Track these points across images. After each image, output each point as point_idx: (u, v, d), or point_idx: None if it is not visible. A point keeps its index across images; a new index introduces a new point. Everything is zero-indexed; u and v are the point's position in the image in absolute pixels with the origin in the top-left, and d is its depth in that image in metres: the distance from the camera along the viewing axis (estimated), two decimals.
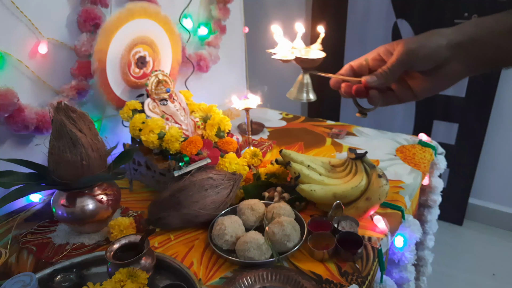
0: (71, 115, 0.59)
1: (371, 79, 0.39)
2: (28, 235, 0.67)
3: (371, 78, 0.39)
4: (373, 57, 0.42)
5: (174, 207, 0.65)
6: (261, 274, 0.55)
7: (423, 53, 0.36)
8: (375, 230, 0.65)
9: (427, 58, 0.37)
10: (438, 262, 1.08)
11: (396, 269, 0.74)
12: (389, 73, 0.38)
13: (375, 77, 0.39)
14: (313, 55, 0.44)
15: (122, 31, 0.80)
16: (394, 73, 0.38)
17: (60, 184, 0.61)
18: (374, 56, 0.41)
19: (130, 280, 0.48)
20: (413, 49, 0.37)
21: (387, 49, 0.40)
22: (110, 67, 0.80)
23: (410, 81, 0.40)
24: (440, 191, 0.95)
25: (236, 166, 0.75)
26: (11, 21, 0.68)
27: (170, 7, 0.97)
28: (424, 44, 0.37)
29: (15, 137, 0.74)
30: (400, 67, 0.38)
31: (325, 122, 1.14)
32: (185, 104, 0.86)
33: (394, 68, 0.38)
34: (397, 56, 0.37)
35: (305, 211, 0.70)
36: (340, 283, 0.54)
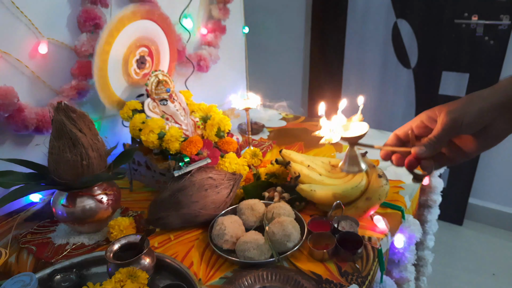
0: (71, 115, 0.59)
1: (420, 151, 0.40)
2: (28, 235, 0.67)
3: (420, 150, 0.40)
4: (417, 125, 0.42)
5: (174, 207, 0.65)
6: (261, 274, 0.55)
7: (467, 120, 0.37)
8: (375, 230, 0.65)
9: (471, 124, 0.38)
10: (438, 262, 1.08)
11: (396, 269, 0.74)
12: (436, 142, 0.39)
13: (424, 147, 0.40)
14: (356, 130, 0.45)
15: (124, 32, 0.80)
16: (441, 142, 0.39)
17: (60, 184, 0.61)
18: (418, 123, 0.42)
19: (130, 280, 0.48)
20: (457, 118, 0.38)
21: (429, 116, 0.41)
22: (112, 67, 0.80)
23: (459, 143, 0.41)
24: (440, 191, 0.95)
25: (236, 166, 0.75)
26: (11, 21, 0.68)
27: (170, 8, 0.97)
28: (466, 110, 0.38)
29: (15, 137, 0.74)
30: (446, 136, 0.39)
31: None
32: (185, 104, 0.86)
33: (440, 137, 0.39)
34: (442, 126, 0.38)
35: (305, 211, 0.70)
36: (340, 283, 0.54)
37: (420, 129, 0.42)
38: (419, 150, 0.40)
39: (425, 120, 0.42)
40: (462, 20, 1.45)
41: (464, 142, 0.41)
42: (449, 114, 0.38)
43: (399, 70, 1.70)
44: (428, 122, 0.42)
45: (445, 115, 0.38)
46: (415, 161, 0.41)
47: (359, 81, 1.85)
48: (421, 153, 0.40)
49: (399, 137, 0.44)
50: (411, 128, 0.43)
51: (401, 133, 0.44)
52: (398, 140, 0.44)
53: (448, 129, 0.38)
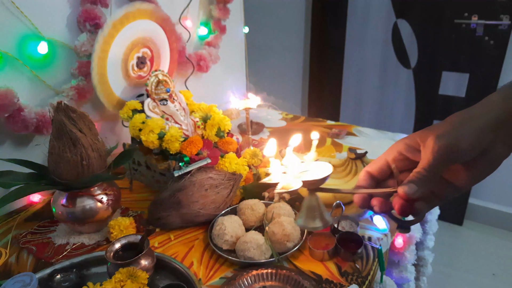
0: (71, 115, 0.59)
1: (411, 189, 0.30)
2: (28, 235, 0.67)
3: (411, 188, 0.30)
4: (394, 157, 0.34)
5: (174, 207, 0.65)
6: (261, 274, 0.55)
7: (464, 145, 0.30)
8: (375, 230, 0.65)
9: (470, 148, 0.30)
10: (438, 262, 1.08)
11: (396, 269, 0.74)
12: (429, 176, 0.30)
13: (414, 185, 0.30)
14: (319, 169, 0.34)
15: (123, 32, 0.80)
16: (435, 175, 0.31)
17: (60, 184, 0.61)
18: (395, 155, 0.34)
19: (130, 280, 0.48)
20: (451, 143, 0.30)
21: (409, 145, 0.33)
22: (111, 67, 0.80)
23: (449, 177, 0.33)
24: None
25: (236, 166, 0.75)
26: (11, 20, 0.68)
27: (170, 7, 0.97)
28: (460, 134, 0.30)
29: (15, 137, 0.74)
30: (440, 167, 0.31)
31: (325, 122, 1.14)
32: (185, 104, 0.86)
33: (433, 169, 0.30)
34: (433, 154, 0.30)
35: None
36: (340, 283, 0.54)
37: (399, 162, 0.34)
38: (410, 189, 0.30)
39: (403, 150, 0.34)
40: (462, 20, 1.45)
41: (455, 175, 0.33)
42: (440, 139, 0.30)
43: (399, 70, 1.70)
44: (408, 153, 0.33)
45: (434, 141, 0.30)
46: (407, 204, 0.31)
47: (359, 81, 1.85)
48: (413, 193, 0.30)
49: (373, 176, 0.35)
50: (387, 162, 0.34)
51: (375, 170, 0.35)
52: (372, 179, 0.35)
53: (441, 157, 0.30)
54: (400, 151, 0.34)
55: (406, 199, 0.31)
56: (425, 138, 0.31)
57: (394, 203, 0.32)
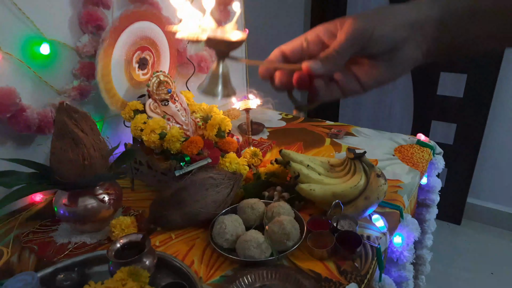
0: (73, 116, 0.60)
1: (316, 65, 0.31)
2: (30, 234, 0.67)
3: (316, 64, 0.31)
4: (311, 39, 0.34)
5: (175, 206, 0.65)
6: (261, 273, 0.55)
7: (378, 33, 0.30)
8: (374, 229, 0.65)
9: (382, 38, 0.30)
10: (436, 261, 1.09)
11: (395, 268, 0.74)
12: (336, 56, 0.31)
13: (320, 62, 0.31)
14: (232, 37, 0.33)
15: (125, 33, 0.81)
16: (343, 56, 0.31)
17: (62, 183, 0.61)
18: (312, 38, 0.34)
19: (131, 278, 0.49)
20: (366, 28, 0.30)
21: (328, 29, 0.33)
22: (114, 68, 0.81)
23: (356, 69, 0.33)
24: (438, 191, 0.95)
25: (236, 166, 0.76)
26: (13, 22, 0.69)
27: (171, 9, 0.98)
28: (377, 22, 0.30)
29: (17, 137, 0.74)
30: (350, 49, 0.31)
31: (324, 122, 1.15)
32: (186, 104, 0.86)
33: (342, 50, 0.30)
34: (346, 36, 0.30)
35: (304, 210, 0.71)
36: (339, 281, 0.55)
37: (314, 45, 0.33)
38: (314, 64, 0.31)
39: (321, 33, 0.33)
40: None
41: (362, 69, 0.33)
42: (357, 22, 0.30)
43: None
44: (325, 37, 0.33)
45: (351, 23, 0.30)
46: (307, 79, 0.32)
47: None
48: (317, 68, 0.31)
49: (285, 55, 0.34)
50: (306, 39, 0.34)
51: (289, 49, 0.34)
52: (284, 58, 0.34)
53: (353, 40, 0.30)
54: (318, 33, 0.34)
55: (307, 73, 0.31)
56: (344, 21, 0.31)
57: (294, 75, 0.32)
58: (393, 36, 0.31)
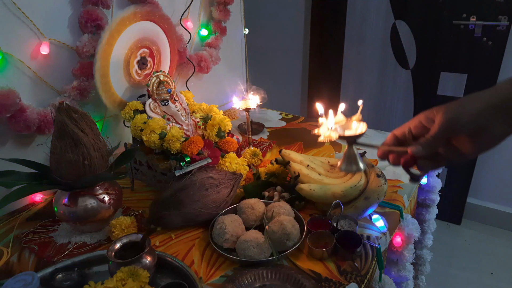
0: (73, 116, 0.60)
1: (417, 150, 0.40)
2: (29, 234, 0.67)
3: (417, 149, 0.40)
4: (415, 125, 0.43)
5: (175, 206, 0.65)
6: (261, 273, 0.55)
7: (464, 120, 0.38)
8: (374, 229, 0.65)
9: (468, 124, 0.38)
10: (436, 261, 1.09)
11: (394, 268, 0.74)
12: (432, 141, 0.40)
13: (420, 146, 0.40)
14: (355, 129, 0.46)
15: (125, 33, 0.81)
16: (437, 141, 0.40)
17: (62, 183, 0.61)
18: (416, 123, 0.43)
19: (131, 278, 0.49)
20: (453, 117, 0.38)
21: (428, 116, 0.41)
22: (113, 68, 0.81)
23: (456, 143, 0.41)
24: (438, 191, 0.95)
25: (236, 166, 0.76)
26: (12, 22, 0.69)
27: (170, 9, 0.98)
28: (463, 111, 0.38)
29: (17, 137, 0.74)
30: (442, 136, 0.39)
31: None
32: (186, 104, 0.86)
33: (437, 136, 0.39)
34: (438, 125, 0.39)
35: (304, 210, 0.71)
36: (339, 281, 0.55)
37: (418, 129, 0.43)
38: (416, 149, 0.40)
39: (423, 120, 0.42)
40: (461, 21, 1.46)
41: (462, 143, 0.41)
42: (446, 114, 0.39)
43: (398, 71, 1.70)
44: (426, 122, 0.42)
45: (442, 114, 0.39)
46: (411, 160, 0.42)
47: (357, 81, 1.86)
48: (417, 152, 0.40)
49: (397, 137, 0.45)
50: (408, 128, 0.44)
51: (399, 133, 0.45)
52: (396, 139, 0.45)
53: (444, 128, 0.39)
54: (420, 120, 0.42)
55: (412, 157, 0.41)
56: (438, 111, 0.40)
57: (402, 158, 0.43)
58: (477, 121, 0.38)
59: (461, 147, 0.41)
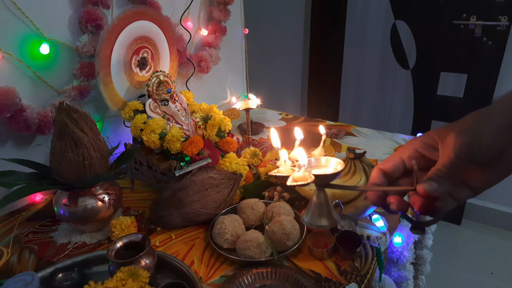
0: (73, 116, 0.60)
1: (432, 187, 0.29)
2: (29, 234, 0.67)
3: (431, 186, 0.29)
4: (410, 155, 0.33)
5: (175, 206, 0.65)
6: (261, 273, 0.55)
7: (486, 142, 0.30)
8: (374, 229, 0.65)
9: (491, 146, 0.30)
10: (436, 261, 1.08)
11: (395, 268, 0.74)
12: (449, 173, 0.30)
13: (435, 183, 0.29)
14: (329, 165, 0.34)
15: (125, 33, 0.81)
16: (455, 172, 0.30)
17: (62, 183, 0.61)
18: (410, 153, 0.33)
19: (131, 278, 0.49)
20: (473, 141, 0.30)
21: (426, 143, 0.32)
22: (114, 68, 0.81)
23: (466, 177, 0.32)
24: None
25: (236, 166, 0.76)
26: (12, 21, 0.69)
27: (170, 9, 0.98)
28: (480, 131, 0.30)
29: (17, 137, 0.74)
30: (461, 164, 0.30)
31: (324, 122, 1.15)
32: (186, 104, 0.86)
33: (454, 166, 0.30)
34: (454, 151, 0.29)
35: (304, 210, 0.71)
36: (339, 281, 0.55)
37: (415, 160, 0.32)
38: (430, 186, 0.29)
39: (420, 148, 0.33)
40: (461, 21, 1.46)
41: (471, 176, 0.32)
42: (462, 136, 0.30)
43: (398, 71, 1.70)
44: (424, 151, 0.32)
45: (455, 137, 0.30)
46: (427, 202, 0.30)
47: (358, 82, 1.86)
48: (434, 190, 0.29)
49: (387, 174, 0.33)
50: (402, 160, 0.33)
51: (389, 167, 0.33)
52: (386, 177, 0.33)
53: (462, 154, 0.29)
54: (416, 148, 0.33)
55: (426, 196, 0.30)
56: (444, 135, 0.31)
57: (413, 201, 0.31)
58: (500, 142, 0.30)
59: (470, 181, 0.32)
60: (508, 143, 0.30)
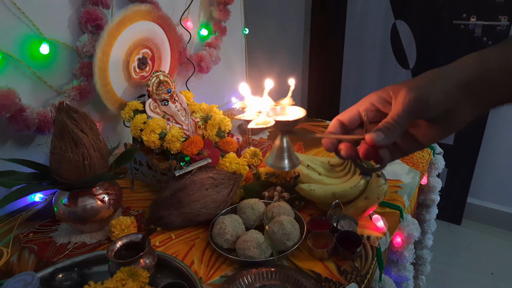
0: (73, 116, 0.60)
1: (379, 137, 0.31)
2: (29, 235, 0.67)
3: (378, 136, 0.31)
4: (366, 108, 0.35)
5: (175, 206, 0.65)
6: (261, 273, 0.55)
7: (434, 99, 0.31)
8: (374, 229, 0.65)
9: (437, 105, 0.32)
10: (436, 261, 1.09)
11: (395, 268, 0.74)
12: (396, 126, 0.32)
13: (382, 133, 0.31)
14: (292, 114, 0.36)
15: (125, 33, 0.81)
16: (402, 125, 0.32)
17: (62, 183, 0.61)
18: (367, 106, 0.35)
19: (131, 279, 0.49)
20: (421, 97, 0.32)
21: (381, 97, 0.34)
22: (113, 68, 0.81)
23: (413, 131, 0.35)
24: (438, 191, 0.95)
25: (236, 166, 0.76)
26: (12, 21, 0.69)
27: (170, 9, 0.98)
28: (431, 89, 0.32)
29: (17, 137, 0.74)
30: (407, 118, 0.32)
31: (324, 122, 1.15)
32: (185, 104, 0.86)
33: (401, 119, 0.32)
34: (403, 106, 0.32)
35: (304, 210, 0.71)
36: (339, 281, 0.55)
37: (369, 113, 0.35)
38: (377, 136, 0.31)
39: (375, 102, 0.35)
40: (461, 21, 1.46)
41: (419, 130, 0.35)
42: (412, 92, 0.32)
43: (398, 70, 1.70)
44: (379, 104, 0.35)
45: (406, 93, 0.32)
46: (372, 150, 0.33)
47: (358, 81, 1.86)
48: (380, 140, 0.31)
49: (344, 124, 0.36)
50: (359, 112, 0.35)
51: (346, 119, 0.36)
52: (342, 127, 0.36)
53: (411, 109, 0.31)
54: (372, 102, 0.35)
55: (372, 145, 0.32)
56: (397, 90, 0.33)
57: (360, 148, 0.33)
58: (447, 101, 0.32)
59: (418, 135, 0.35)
60: (454, 103, 0.32)
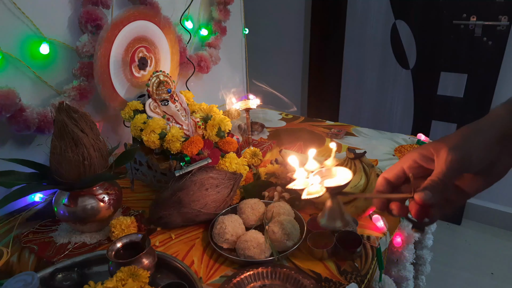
0: (73, 116, 0.60)
1: (427, 196, 0.33)
2: (29, 235, 0.67)
3: (426, 195, 0.33)
4: (409, 165, 0.37)
5: (175, 206, 0.65)
6: (261, 273, 0.55)
7: (476, 156, 0.33)
8: (374, 229, 0.65)
9: (480, 160, 0.34)
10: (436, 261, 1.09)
11: (395, 268, 0.74)
12: (442, 184, 0.33)
13: (429, 192, 0.33)
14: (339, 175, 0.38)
15: (124, 33, 0.81)
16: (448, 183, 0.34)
17: (62, 183, 0.61)
18: (410, 164, 0.37)
19: (131, 278, 0.49)
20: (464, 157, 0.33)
21: (423, 154, 0.36)
22: (113, 68, 0.81)
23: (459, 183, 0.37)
24: None
25: (236, 166, 0.76)
26: (12, 21, 0.69)
27: (170, 9, 0.98)
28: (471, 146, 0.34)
29: (17, 137, 0.74)
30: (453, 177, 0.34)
31: (324, 122, 1.15)
32: (185, 104, 0.86)
33: (447, 178, 0.33)
34: (446, 165, 0.33)
35: (304, 210, 0.71)
36: (339, 281, 0.55)
37: (413, 169, 0.37)
38: (425, 195, 0.33)
39: (418, 159, 0.36)
40: (461, 21, 1.46)
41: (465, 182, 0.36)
42: (453, 152, 0.33)
43: (398, 70, 1.70)
44: (422, 162, 0.36)
45: (447, 153, 0.33)
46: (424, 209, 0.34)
47: (358, 81, 1.86)
48: (428, 199, 0.33)
49: (390, 181, 0.38)
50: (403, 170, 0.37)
51: (392, 176, 0.38)
52: (389, 185, 0.38)
53: (454, 168, 0.33)
54: (415, 159, 0.37)
55: (421, 204, 0.34)
56: (439, 149, 0.34)
57: (411, 207, 0.35)
58: (489, 156, 0.34)
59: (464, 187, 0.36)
60: (495, 157, 0.34)
